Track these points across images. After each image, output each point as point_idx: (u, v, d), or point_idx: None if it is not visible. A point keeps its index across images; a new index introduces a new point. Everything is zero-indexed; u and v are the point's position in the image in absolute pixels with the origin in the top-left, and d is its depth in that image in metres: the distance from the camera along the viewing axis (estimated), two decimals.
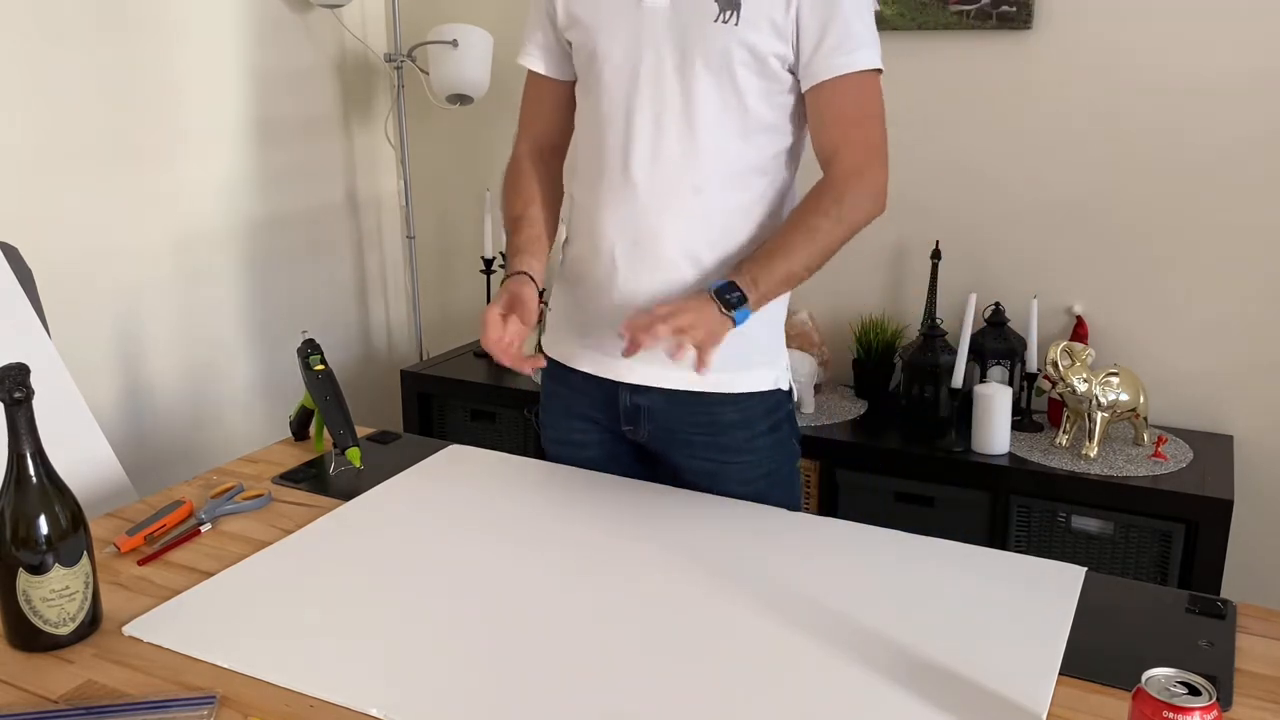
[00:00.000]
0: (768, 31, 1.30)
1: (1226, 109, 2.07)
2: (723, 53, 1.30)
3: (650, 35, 1.33)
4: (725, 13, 1.29)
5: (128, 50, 2.20)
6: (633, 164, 1.35)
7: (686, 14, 1.31)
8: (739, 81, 1.32)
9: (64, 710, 0.95)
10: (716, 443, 1.44)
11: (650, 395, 1.43)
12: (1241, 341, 2.15)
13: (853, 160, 1.33)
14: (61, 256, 2.10)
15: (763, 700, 0.96)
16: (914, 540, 1.27)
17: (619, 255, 1.38)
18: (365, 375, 2.98)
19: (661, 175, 1.35)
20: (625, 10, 1.34)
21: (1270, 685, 0.99)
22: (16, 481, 1.03)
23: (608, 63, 1.36)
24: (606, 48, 1.35)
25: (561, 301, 1.51)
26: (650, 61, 1.33)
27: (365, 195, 2.90)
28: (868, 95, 1.34)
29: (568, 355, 1.48)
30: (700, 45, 1.31)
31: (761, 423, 1.45)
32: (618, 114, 1.36)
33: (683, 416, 1.43)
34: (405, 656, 1.03)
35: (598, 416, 1.48)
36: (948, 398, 2.17)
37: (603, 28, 1.35)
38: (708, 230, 1.36)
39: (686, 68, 1.32)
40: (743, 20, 1.29)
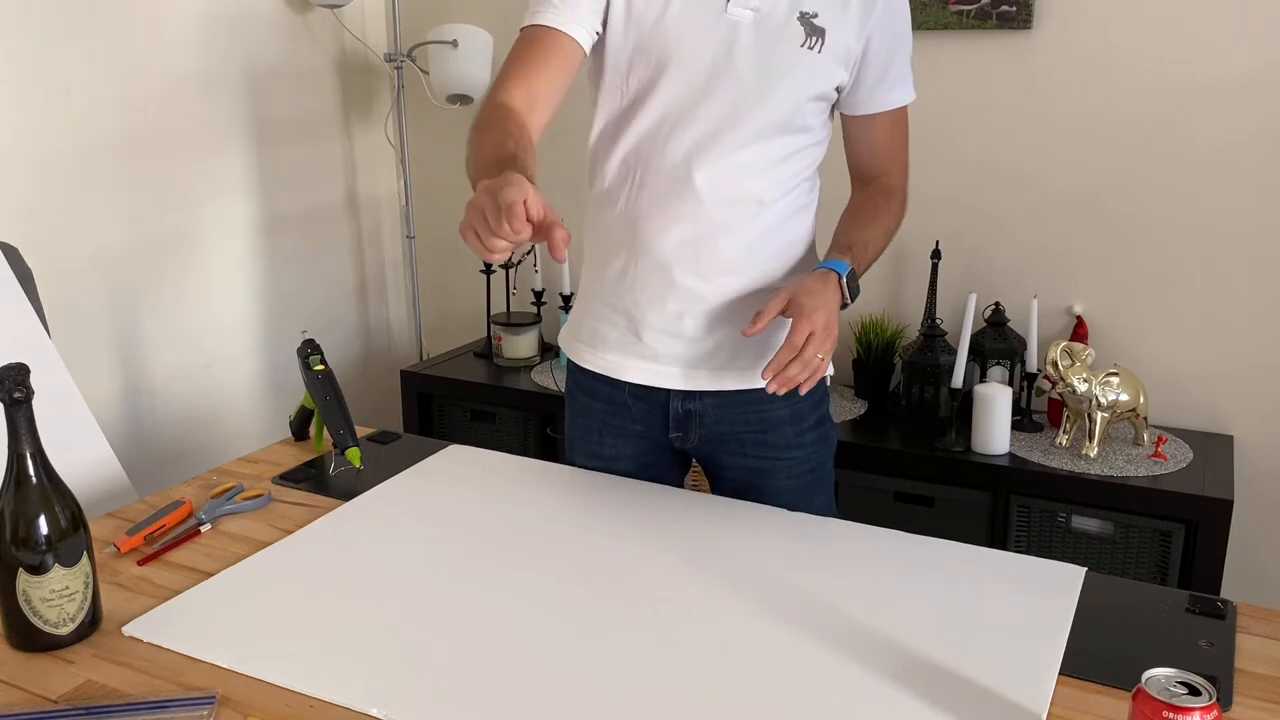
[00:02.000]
0: (842, 59, 1.32)
1: (1226, 108, 2.07)
2: (806, 78, 1.31)
3: (732, 49, 1.29)
4: (811, 39, 1.29)
5: (128, 50, 2.20)
6: (697, 175, 1.32)
7: (773, 33, 1.29)
8: (809, 103, 1.33)
9: (64, 710, 0.95)
10: (766, 440, 1.43)
11: (703, 400, 1.41)
12: (1241, 341, 2.15)
13: (900, 179, 1.45)
14: (61, 256, 2.10)
15: (762, 700, 0.96)
16: (914, 540, 1.27)
17: (677, 266, 1.35)
18: (365, 375, 2.98)
19: (728, 187, 1.33)
20: (706, 17, 1.29)
21: (1270, 685, 0.99)
22: (16, 481, 1.03)
23: (679, 68, 1.30)
24: (680, 51, 1.30)
25: (594, 313, 1.45)
26: (730, 74, 1.30)
27: (365, 195, 2.90)
28: (907, 121, 1.44)
29: (612, 367, 1.43)
30: (785, 68, 1.29)
31: (810, 416, 1.45)
32: (684, 121, 1.32)
33: (734, 417, 1.42)
34: (405, 656, 1.03)
35: (639, 429, 1.45)
36: (948, 398, 2.17)
37: (678, 32, 1.30)
38: (765, 238, 1.37)
39: (767, 86, 1.29)
40: (826, 47, 1.30)
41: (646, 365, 1.41)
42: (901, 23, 1.36)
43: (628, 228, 1.38)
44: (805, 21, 1.29)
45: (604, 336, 1.44)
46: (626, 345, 1.41)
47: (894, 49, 1.34)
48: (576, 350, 1.49)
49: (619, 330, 1.42)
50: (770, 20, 1.29)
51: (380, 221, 2.97)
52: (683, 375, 1.40)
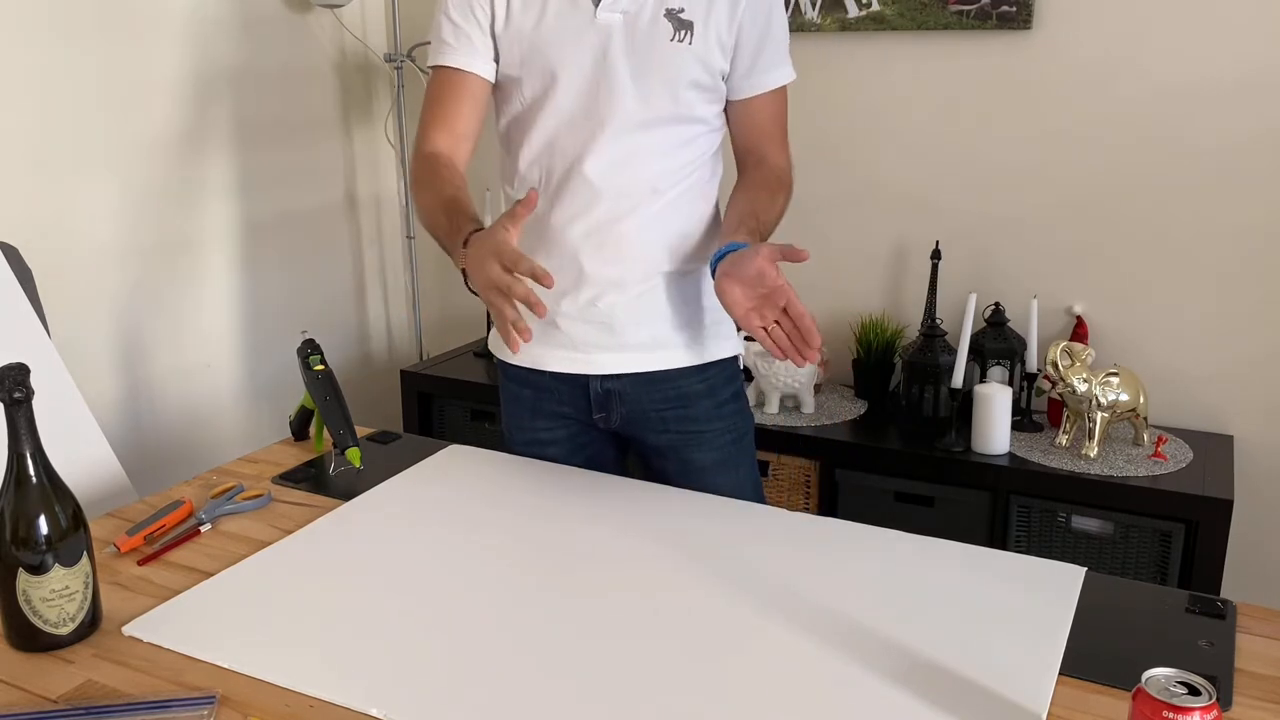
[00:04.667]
0: (716, 49, 1.39)
1: (1226, 108, 2.07)
2: (679, 70, 1.38)
3: (607, 50, 1.37)
4: (679, 33, 1.37)
5: (128, 50, 2.20)
6: (593, 171, 1.40)
7: (641, 32, 1.36)
8: (689, 94, 1.40)
9: (64, 710, 0.95)
10: (686, 415, 1.51)
11: (620, 380, 1.49)
12: (1241, 341, 2.15)
13: (782, 160, 1.49)
14: (61, 256, 2.10)
15: (762, 699, 0.96)
16: (914, 540, 1.27)
17: (584, 257, 1.43)
18: (365, 375, 2.98)
19: (622, 180, 1.41)
20: (578, 24, 1.37)
21: (1270, 685, 0.99)
22: (16, 481, 1.03)
23: (564, 73, 1.39)
24: (561, 60, 1.39)
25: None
26: (607, 76, 1.37)
27: (365, 195, 2.90)
28: (785, 104, 1.49)
29: (534, 359, 1.50)
30: (657, 63, 1.37)
31: (725, 389, 1.54)
32: (575, 123, 1.40)
33: (652, 395, 1.50)
34: (405, 656, 1.03)
35: (566, 410, 1.53)
36: (948, 398, 2.17)
37: (556, 41, 1.38)
38: (665, 222, 1.45)
39: (643, 83, 1.37)
40: (696, 39, 1.37)
41: (565, 353, 1.48)
42: (772, 7, 1.42)
43: (537, 224, 1.46)
44: (672, 17, 1.36)
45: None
46: (545, 336, 1.48)
47: (765, 33, 1.40)
48: (501, 349, 1.55)
49: (537, 323, 1.46)
50: (639, 20, 1.36)
51: (380, 221, 2.97)
52: (600, 360, 1.47)
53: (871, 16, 2.28)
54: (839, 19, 2.31)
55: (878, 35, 2.31)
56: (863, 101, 2.36)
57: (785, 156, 1.50)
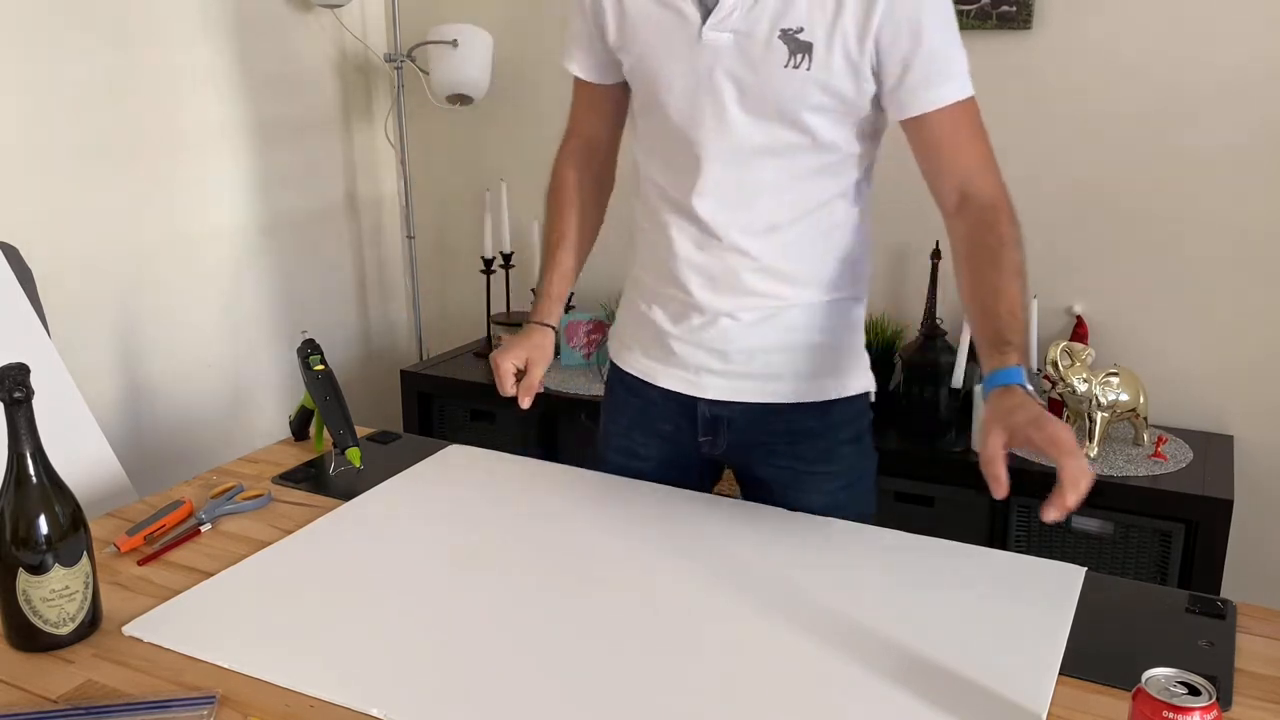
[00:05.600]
0: (843, 71, 1.22)
1: (1226, 109, 2.07)
2: (796, 99, 1.23)
3: (713, 74, 1.24)
4: (796, 57, 1.21)
5: (128, 50, 2.20)
6: (701, 204, 1.30)
7: (753, 56, 1.22)
8: (812, 121, 1.25)
9: (64, 710, 0.95)
10: (795, 451, 1.40)
11: (730, 407, 1.39)
12: (1241, 341, 2.15)
13: (994, 183, 1.28)
14: (61, 256, 2.10)
15: (762, 699, 0.96)
16: (914, 540, 1.27)
17: (695, 288, 1.34)
18: (365, 375, 2.98)
19: (733, 215, 1.30)
20: (683, 40, 1.25)
21: (1270, 685, 0.99)
22: (16, 481, 1.03)
23: (669, 94, 1.28)
24: (667, 79, 1.28)
25: (633, 318, 1.46)
26: (714, 101, 1.25)
27: (365, 195, 2.90)
28: (974, 117, 1.28)
29: (647, 371, 1.44)
30: (769, 90, 1.23)
31: (844, 430, 1.41)
32: (683, 148, 1.30)
33: (762, 426, 1.40)
34: (405, 656, 1.03)
35: (670, 429, 1.44)
36: (948, 398, 2.17)
37: (660, 57, 1.28)
38: (787, 258, 1.32)
39: (755, 111, 1.25)
40: (815, 63, 1.21)
41: (677, 372, 1.40)
42: (922, 13, 1.21)
43: (649, 249, 1.40)
44: (788, 38, 1.21)
45: (640, 341, 1.45)
46: (658, 354, 1.42)
47: (914, 46, 1.20)
48: (616, 349, 1.51)
49: (652, 339, 1.42)
50: (750, 41, 1.22)
51: (380, 221, 2.97)
52: (710, 384, 1.39)
53: None
54: None
55: None
56: None
57: (992, 179, 1.27)
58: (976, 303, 1.22)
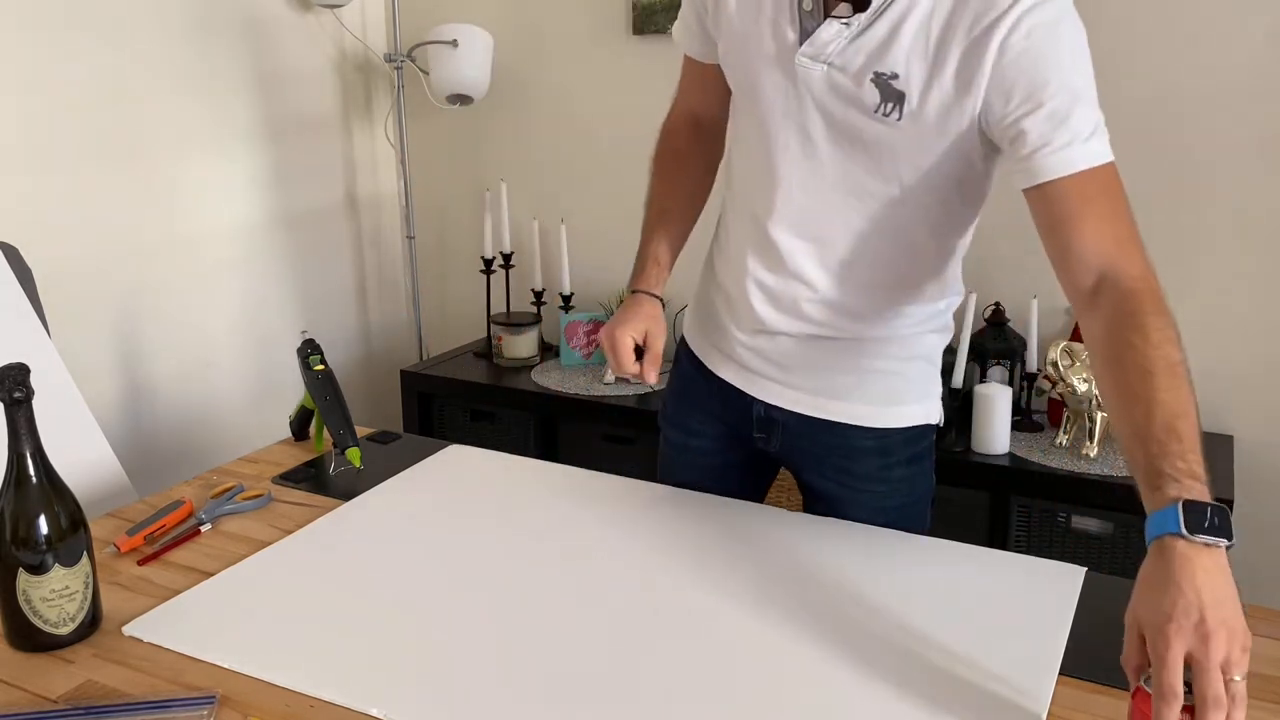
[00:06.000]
0: (935, 128, 1.11)
1: (1225, 109, 2.07)
2: (884, 147, 1.15)
3: (803, 101, 1.18)
4: (886, 105, 1.11)
5: (128, 50, 2.20)
6: (775, 228, 1.25)
7: (844, 94, 1.14)
8: (902, 172, 1.17)
9: (64, 710, 0.95)
10: (848, 467, 1.36)
11: (785, 413, 1.37)
12: (1241, 341, 2.14)
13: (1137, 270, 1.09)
14: (61, 256, 2.10)
15: (761, 699, 0.96)
16: (914, 540, 1.27)
17: (758, 304, 1.30)
18: (365, 375, 2.98)
19: (807, 245, 1.25)
20: (778, 57, 1.18)
21: (1270, 685, 0.98)
22: (16, 481, 1.03)
23: (754, 101, 1.23)
24: (760, 88, 1.21)
25: (704, 303, 1.44)
26: (800, 129, 1.19)
27: (365, 195, 2.90)
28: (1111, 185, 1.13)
29: (707, 357, 1.42)
30: (857, 135, 1.16)
31: (901, 451, 1.36)
32: (766, 167, 1.24)
33: (815, 436, 1.36)
34: (406, 656, 1.03)
35: (728, 419, 1.42)
36: (948, 398, 2.17)
37: (755, 63, 1.21)
38: (855, 297, 1.27)
39: (842, 150, 1.18)
40: (906, 114, 1.11)
41: (735, 369, 1.39)
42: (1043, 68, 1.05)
43: (726, 245, 1.37)
44: (881, 83, 1.10)
45: (706, 329, 1.43)
46: (723, 346, 1.40)
47: (1030, 105, 1.06)
48: (689, 324, 1.49)
49: (718, 331, 1.41)
50: (842, 78, 1.13)
51: (380, 221, 2.97)
52: (767, 387, 1.36)
53: None
54: None
55: None
56: None
57: (1135, 261, 1.08)
58: (1126, 422, 1.00)
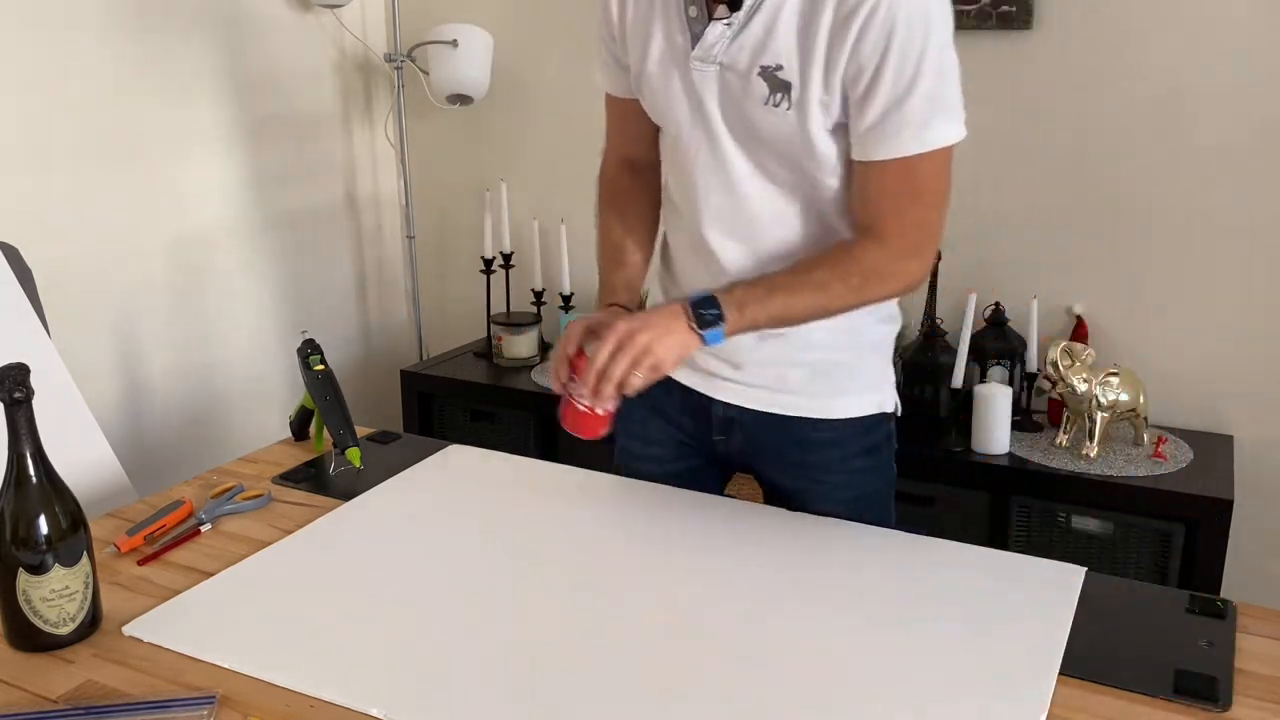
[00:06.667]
0: (818, 114, 1.18)
1: (1227, 109, 2.07)
2: (781, 136, 1.21)
3: (704, 103, 1.24)
4: (775, 95, 1.18)
5: (128, 49, 2.20)
6: (708, 232, 1.30)
7: (737, 91, 1.21)
8: (803, 158, 1.22)
9: (64, 710, 0.95)
10: (805, 460, 1.39)
11: (744, 411, 1.39)
12: (1241, 341, 2.14)
13: (895, 244, 1.21)
14: (61, 256, 2.10)
15: (762, 700, 0.96)
16: (914, 540, 1.27)
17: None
18: (365, 375, 2.98)
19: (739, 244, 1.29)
20: (677, 67, 1.24)
21: (1270, 685, 0.99)
22: (16, 481, 1.03)
23: (667, 121, 1.29)
24: (662, 106, 1.28)
25: None
26: (706, 130, 1.25)
27: (365, 195, 2.90)
28: (925, 174, 1.18)
29: None
30: (757, 127, 1.21)
31: (856, 444, 1.39)
32: (688, 174, 1.30)
33: (775, 432, 1.39)
34: (405, 656, 1.03)
35: (685, 422, 1.44)
36: (948, 398, 2.17)
37: (656, 86, 1.28)
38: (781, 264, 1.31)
39: (746, 145, 1.24)
40: (794, 103, 1.18)
41: (691, 372, 1.40)
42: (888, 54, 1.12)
43: (665, 261, 1.42)
44: (768, 76, 1.18)
45: None
46: None
47: (871, 88, 1.14)
48: None
49: None
50: (732, 76, 1.20)
51: (380, 221, 2.97)
52: (723, 387, 1.39)
53: None
54: None
55: None
56: None
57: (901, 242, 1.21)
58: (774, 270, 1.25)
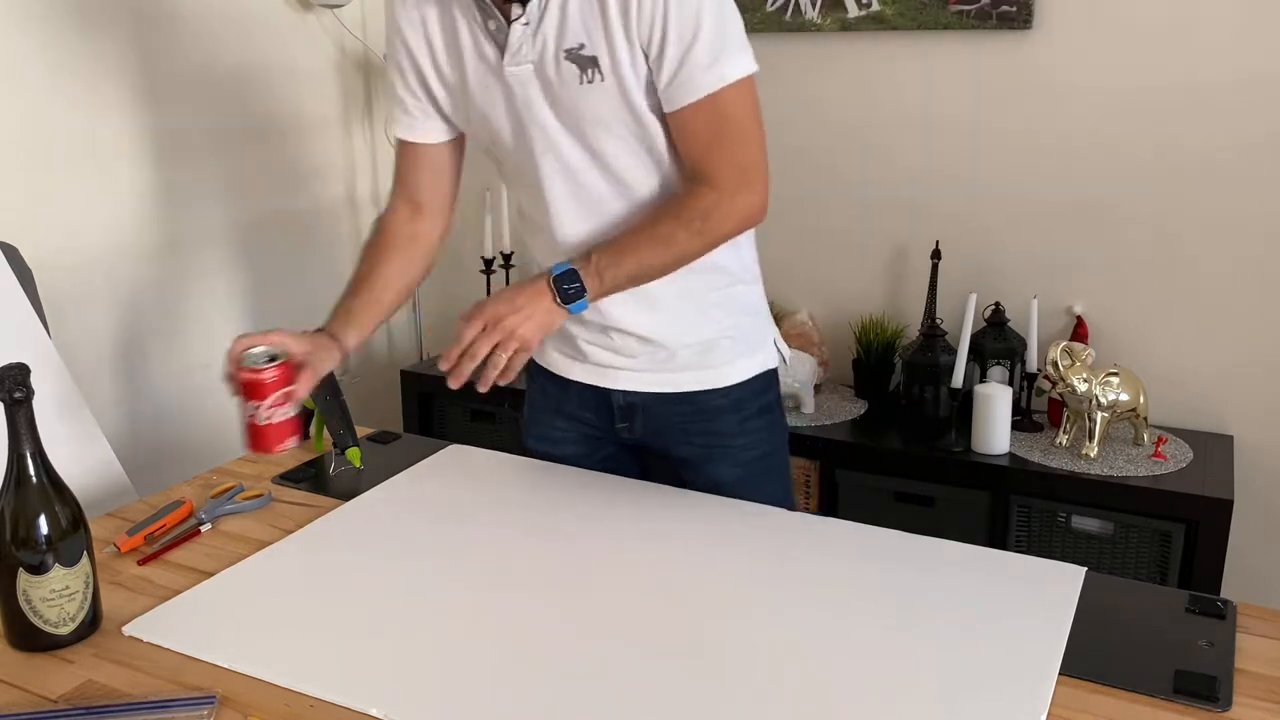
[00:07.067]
0: (630, 75, 1.24)
1: (1226, 109, 2.07)
2: (605, 112, 1.27)
3: (530, 104, 1.29)
4: (587, 73, 1.25)
5: (128, 49, 2.20)
6: (561, 231, 1.35)
7: (554, 80, 1.26)
8: (630, 125, 1.28)
9: (64, 710, 0.95)
10: (708, 428, 1.45)
11: (641, 395, 1.45)
12: (1241, 341, 2.15)
13: (722, 183, 1.27)
14: (61, 256, 2.10)
15: (762, 700, 0.96)
16: (914, 540, 1.27)
17: None
18: (365, 375, 2.98)
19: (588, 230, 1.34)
20: (493, 80, 1.30)
21: (1270, 685, 0.99)
22: (16, 481, 1.03)
23: (498, 133, 1.33)
24: (488, 120, 1.33)
25: None
26: (538, 128, 1.30)
27: (365, 195, 2.90)
28: (731, 110, 1.25)
29: (561, 366, 1.49)
30: (580, 109, 1.27)
31: (751, 404, 1.47)
32: (530, 178, 1.34)
33: (674, 409, 1.46)
34: (405, 656, 1.03)
35: (588, 417, 1.50)
36: (948, 398, 2.17)
37: (481, 100, 1.32)
38: None
39: (575, 130, 1.29)
40: (605, 73, 1.24)
41: (585, 368, 1.46)
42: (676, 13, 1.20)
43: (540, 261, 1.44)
44: (575, 57, 1.24)
45: (551, 340, 1.49)
46: (568, 348, 1.47)
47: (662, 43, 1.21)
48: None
49: (561, 338, 1.47)
50: (544, 69, 1.26)
51: None
52: (619, 377, 1.44)
53: (871, 16, 2.28)
54: (839, 19, 2.31)
55: (878, 35, 2.31)
56: (863, 101, 2.36)
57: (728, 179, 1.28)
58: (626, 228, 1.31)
